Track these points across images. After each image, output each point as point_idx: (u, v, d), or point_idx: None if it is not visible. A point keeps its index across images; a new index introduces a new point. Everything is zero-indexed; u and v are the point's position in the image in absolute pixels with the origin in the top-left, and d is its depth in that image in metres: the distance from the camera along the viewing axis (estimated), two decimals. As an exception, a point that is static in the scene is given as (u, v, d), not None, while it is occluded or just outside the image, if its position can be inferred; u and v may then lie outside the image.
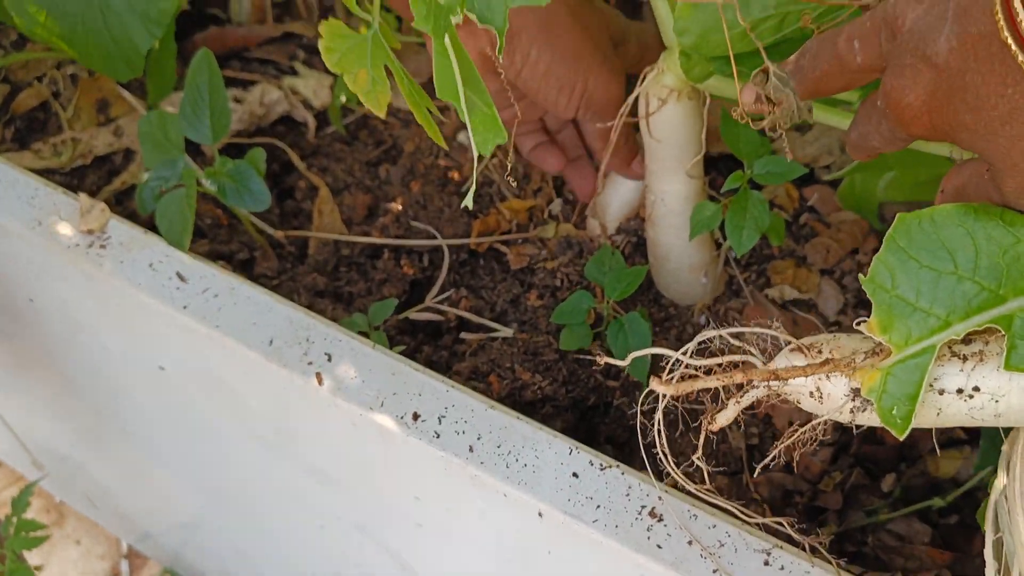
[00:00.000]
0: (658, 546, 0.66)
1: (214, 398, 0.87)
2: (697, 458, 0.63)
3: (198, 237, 0.99)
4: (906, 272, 0.55)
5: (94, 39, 1.01)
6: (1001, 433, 0.62)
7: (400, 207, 1.05)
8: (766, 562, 0.65)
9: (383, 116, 0.69)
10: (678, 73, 0.81)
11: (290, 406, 0.80)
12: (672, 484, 0.67)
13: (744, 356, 0.61)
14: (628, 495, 0.68)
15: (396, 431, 0.72)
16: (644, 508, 0.67)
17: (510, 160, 0.74)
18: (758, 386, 0.59)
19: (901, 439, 0.53)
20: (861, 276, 0.56)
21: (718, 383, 0.54)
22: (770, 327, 0.61)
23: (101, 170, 1.11)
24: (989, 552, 0.58)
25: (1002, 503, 0.58)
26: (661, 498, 0.68)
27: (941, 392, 0.53)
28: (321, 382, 0.74)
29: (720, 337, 0.62)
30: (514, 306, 0.98)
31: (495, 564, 0.80)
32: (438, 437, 0.71)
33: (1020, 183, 0.53)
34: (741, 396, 0.59)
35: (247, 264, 0.99)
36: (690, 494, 0.66)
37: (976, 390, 0.53)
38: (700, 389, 0.56)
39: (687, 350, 0.62)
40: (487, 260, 1.03)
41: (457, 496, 0.74)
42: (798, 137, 1.08)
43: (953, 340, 0.54)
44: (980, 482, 0.82)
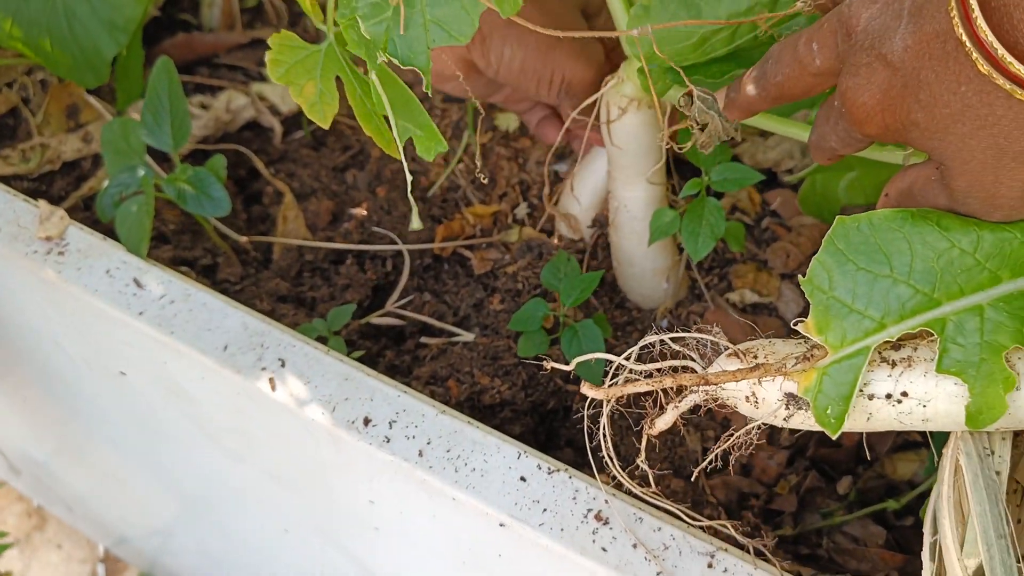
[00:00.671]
0: (603, 549, 0.66)
1: (174, 404, 0.87)
2: (641, 461, 0.64)
3: (162, 243, 0.99)
4: (843, 274, 0.55)
5: (60, 47, 1.01)
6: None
7: (365, 212, 1.06)
8: (710, 564, 0.65)
9: (326, 127, 0.70)
10: (637, 83, 0.82)
11: (245, 412, 0.80)
12: (619, 486, 0.68)
13: (684, 361, 0.62)
14: (575, 499, 0.69)
15: (347, 436, 0.72)
16: (590, 511, 0.68)
17: (479, 172, 0.74)
18: (696, 391, 0.59)
19: (834, 438, 0.54)
20: (800, 277, 0.56)
21: (649, 387, 0.55)
22: (710, 334, 0.62)
23: (70, 176, 1.11)
24: (926, 553, 0.59)
25: (939, 505, 0.58)
26: (607, 501, 0.68)
27: (871, 397, 0.54)
28: (274, 387, 0.75)
29: (661, 342, 0.62)
30: (477, 310, 0.98)
31: (451, 568, 0.80)
32: (388, 442, 0.72)
33: (969, 181, 0.53)
34: (680, 401, 0.60)
35: (210, 270, 0.99)
36: (637, 497, 0.66)
37: (904, 395, 0.53)
38: (632, 393, 0.56)
39: (629, 355, 0.62)
40: (451, 265, 1.04)
41: (409, 500, 0.74)
42: (760, 142, 1.09)
43: (883, 346, 0.54)
44: (932, 485, 0.83)
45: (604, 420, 0.63)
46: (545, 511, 0.68)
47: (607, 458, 0.64)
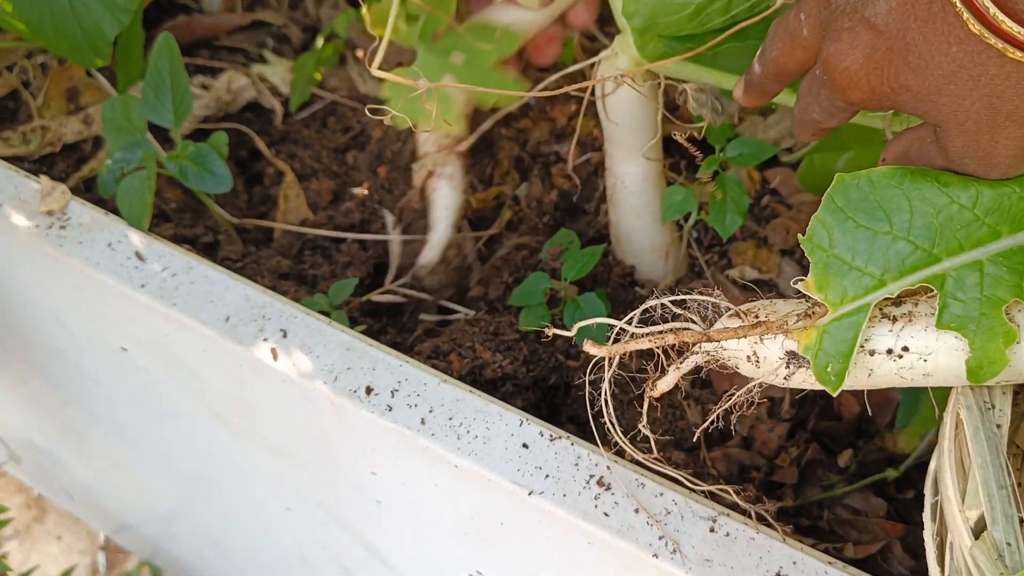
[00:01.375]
0: (605, 514, 0.66)
1: (175, 378, 0.87)
2: (642, 425, 0.64)
3: (163, 221, 1.00)
4: (843, 232, 0.55)
5: (62, 27, 1.01)
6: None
7: (366, 191, 1.06)
8: (711, 529, 0.65)
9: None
10: (632, 55, 0.82)
11: (248, 384, 0.80)
12: (621, 454, 0.68)
13: (686, 324, 0.62)
14: (577, 465, 0.69)
15: (349, 405, 0.72)
16: (592, 477, 0.68)
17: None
18: (698, 352, 0.60)
19: (834, 395, 0.54)
20: (800, 235, 0.57)
21: (650, 344, 0.55)
22: (711, 295, 0.62)
23: (70, 158, 1.12)
24: (927, 514, 0.59)
25: (940, 461, 0.58)
26: (609, 468, 0.68)
27: (872, 353, 0.54)
28: (276, 357, 0.75)
29: (662, 306, 0.62)
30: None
31: (453, 539, 0.80)
32: (390, 410, 0.72)
33: (965, 142, 0.53)
34: (681, 362, 0.60)
35: (211, 247, 0.99)
36: (638, 464, 0.66)
37: (905, 350, 0.53)
38: (634, 351, 0.56)
39: (631, 318, 0.62)
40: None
41: (411, 469, 0.74)
42: (760, 121, 1.09)
43: (884, 302, 0.55)
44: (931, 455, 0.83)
45: (606, 385, 0.63)
46: (548, 477, 0.68)
47: (608, 423, 0.64)
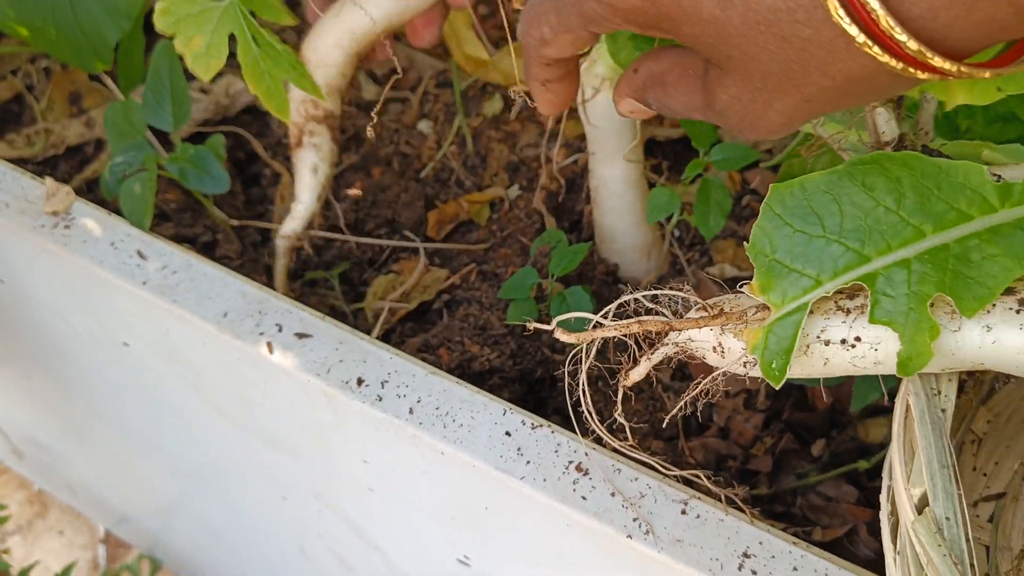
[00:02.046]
0: (583, 497, 0.70)
1: (176, 372, 0.91)
2: (617, 414, 0.67)
3: (163, 221, 1.03)
4: (781, 237, 0.59)
5: (65, 32, 1.04)
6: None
7: (360, 192, 1.10)
8: (683, 511, 0.69)
9: (207, 81, 0.74)
10: (608, 63, 0.86)
11: (245, 377, 0.84)
12: (600, 442, 0.71)
13: (657, 317, 0.65)
14: (557, 452, 0.72)
15: (342, 396, 0.76)
16: (571, 463, 0.72)
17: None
18: (668, 344, 0.63)
19: (777, 388, 0.57)
20: (745, 243, 0.60)
21: (616, 332, 0.59)
22: (682, 291, 0.66)
23: (73, 160, 1.15)
24: (884, 494, 0.62)
25: (891, 445, 0.62)
26: (588, 454, 0.72)
27: (827, 343, 0.58)
28: (271, 351, 0.79)
29: (636, 301, 0.66)
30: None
31: (441, 524, 0.84)
32: (380, 400, 0.75)
33: (738, 95, 0.50)
34: (652, 353, 0.64)
35: (210, 247, 1.03)
36: (616, 451, 0.70)
37: (858, 340, 0.57)
38: (610, 341, 0.60)
39: (607, 312, 0.66)
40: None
41: (400, 457, 0.78)
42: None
43: (839, 295, 0.58)
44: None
45: (583, 375, 0.67)
46: (529, 463, 0.72)
47: (586, 412, 0.67)
